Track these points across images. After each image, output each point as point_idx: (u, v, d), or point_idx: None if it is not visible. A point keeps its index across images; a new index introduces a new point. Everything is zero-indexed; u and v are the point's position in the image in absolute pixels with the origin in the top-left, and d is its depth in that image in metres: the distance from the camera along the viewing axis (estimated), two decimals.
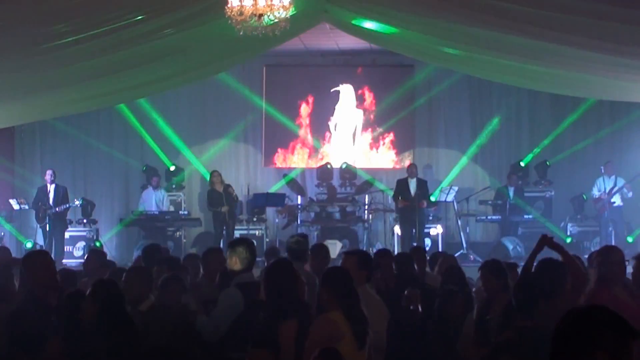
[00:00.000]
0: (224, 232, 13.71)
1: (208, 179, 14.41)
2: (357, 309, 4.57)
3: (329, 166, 15.21)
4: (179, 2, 8.87)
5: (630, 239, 13.72)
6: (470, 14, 8.92)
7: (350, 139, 16.03)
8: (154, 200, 14.59)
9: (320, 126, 16.01)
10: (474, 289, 6.66)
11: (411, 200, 13.28)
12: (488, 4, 8.47)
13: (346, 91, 15.95)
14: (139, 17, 8.81)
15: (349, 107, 15.99)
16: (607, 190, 13.96)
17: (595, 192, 14.09)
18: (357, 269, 5.40)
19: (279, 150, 16.06)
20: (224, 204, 13.66)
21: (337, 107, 15.96)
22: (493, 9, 8.51)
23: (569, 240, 13.72)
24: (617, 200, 13.97)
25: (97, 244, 13.82)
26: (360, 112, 15.98)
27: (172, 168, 15.40)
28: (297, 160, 16.05)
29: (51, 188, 13.72)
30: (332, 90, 15.83)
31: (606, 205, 13.91)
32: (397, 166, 15.84)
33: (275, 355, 4.60)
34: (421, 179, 13.90)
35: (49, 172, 13.86)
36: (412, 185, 13.53)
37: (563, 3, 7.88)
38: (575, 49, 9.46)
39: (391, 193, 14.40)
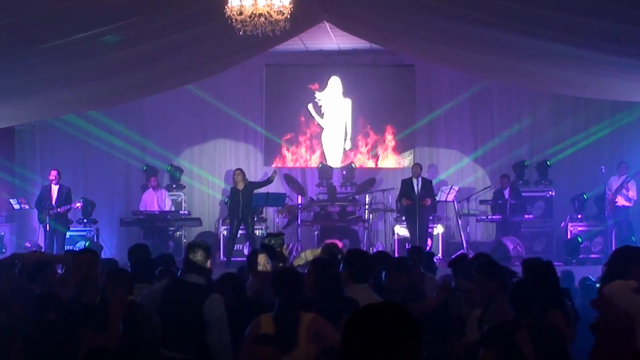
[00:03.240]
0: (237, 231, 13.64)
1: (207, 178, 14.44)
2: None
3: (322, 166, 15.21)
4: (179, 2, 8.87)
5: (634, 238, 13.70)
6: (470, 14, 8.92)
7: (343, 134, 16.00)
8: (155, 200, 14.57)
9: (320, 126, 16.01)
10: None
11: (415, 199, 13.29)
12: (487, 4, 8.47)
13: (333, 84, 15.94)
14: (139, 17, 8.81)
15: (337, 99, 15.97)
16: (613, 190, 13.95)
17: (608, 192, 14.03)
18: None
19: (279, 150, 16.05)
20: (240, 202, 13.55)
21: (325, 101, 15.94)
22: (493, 8, 8.52)
23: (579, 240, 13.69)
24: (620, 200, 13.94)
25: (87, 244, 13.78)
26: (349, 101, 15.95)
27: (169, 168, 15.38)
28: (298, 159, 16.04)
29: (55, 188, 13.69)
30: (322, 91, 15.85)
31: (607, 206, 13.90)
32: (398, 166, 15.85)
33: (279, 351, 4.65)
34: (426, 178, 13.92)
35: (53, 172, 13.77)
36: (417, 185, 13.54)
37: (563, 3, 7.88)
38: (575, 49, 9.47)
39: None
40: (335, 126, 15.99)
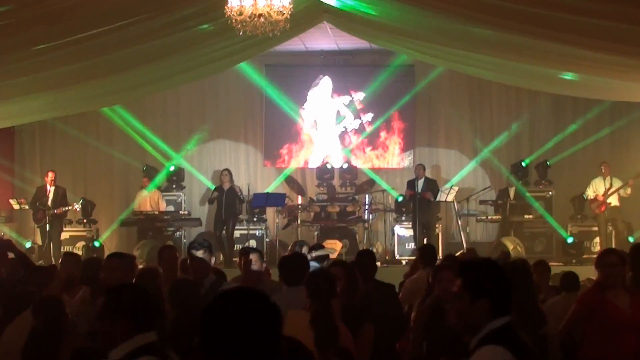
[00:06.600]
0: (223, 232, 13.67)
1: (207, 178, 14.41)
2: None
3: (328, 165, 15.21)
4: (179, 2, 8.87)
5: (631, 239, 13.68)
6: (470, 13, 8.92)
7: (335, 133, 16.00)
8: (148, 201, 14.51)
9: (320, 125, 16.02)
10: None
11: (416, 193, 13.32)
12: (487, 4, 8.46)
13: (324, 84, 15.92)
14: (139, 17, 8.81)
15: (326, 99, 15.96)
16: (602, 191, 13.91)
17: (590, 193, 14.03)
18: None
19: (279, 150, 16.05)
20: (223, 202, 13.58)
21: (314, 101, 15.93)
22: (493, 8, 8.51)
23: (570, 240, 13.67)
24: (613, 200, 13.92)
25: (97, 243, 13.80)
26: (338, 101, 15.94)
27: (172, 168, 15.35)
28: (298, 159, 16.03)
29: (51, 189, 13.71)
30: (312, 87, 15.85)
31: (601, 206, 13.88)
32: (398, 166, 15.85)
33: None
34: (430, 178, 13.93)
35: (50, 173, 13.82)
36: (421, 185, 13.55)
37: (563, 3, 7.88)
38: (575, 49, 9.46)
39: (392, 192, 14.71)
40: (327, 126, 16.02)
